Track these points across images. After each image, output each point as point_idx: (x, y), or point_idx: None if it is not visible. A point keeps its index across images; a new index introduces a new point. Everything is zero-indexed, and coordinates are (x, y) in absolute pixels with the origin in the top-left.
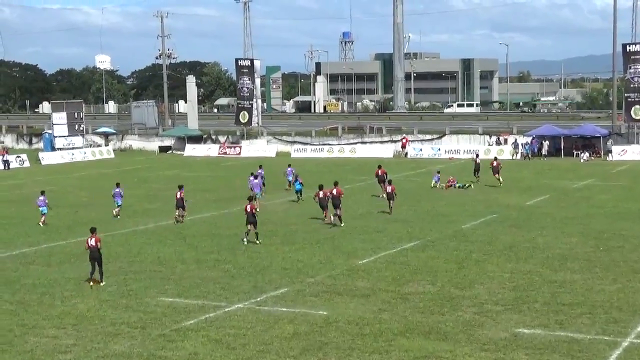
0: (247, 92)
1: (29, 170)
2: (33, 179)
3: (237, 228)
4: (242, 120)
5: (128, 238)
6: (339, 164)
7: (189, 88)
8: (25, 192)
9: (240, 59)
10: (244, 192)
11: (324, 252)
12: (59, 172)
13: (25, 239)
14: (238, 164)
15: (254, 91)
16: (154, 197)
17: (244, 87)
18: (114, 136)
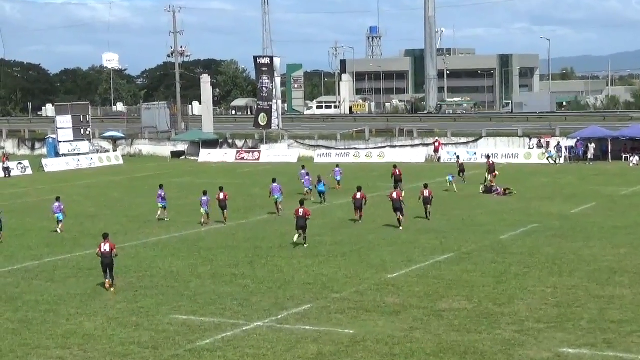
0: (266, 93)
1: (31, 178)
2: (36, 187)
3: (256, 239)
4: (261, 122)
5: (138, 251)
6: (366, 170)
7: (203, 88)
8: (27, 201)
9: (259, 56)
10: (263, 201)
11: (350, 265)
12: (64, 180)
13: (28, 252)
14: (257, 170)
15: (273, 91)
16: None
17: (263, 87)
18: (122, 141)
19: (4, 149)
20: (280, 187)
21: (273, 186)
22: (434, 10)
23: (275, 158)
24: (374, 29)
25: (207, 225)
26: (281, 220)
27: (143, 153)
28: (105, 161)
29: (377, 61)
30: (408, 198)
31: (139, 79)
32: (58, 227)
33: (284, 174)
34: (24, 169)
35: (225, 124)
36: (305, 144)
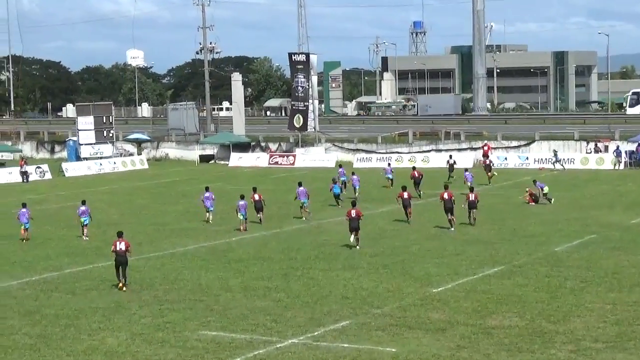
0: (302, 92)
1: (50, 183)
2: (55, 193)
3: (291, 250)
4: (296, 124)
5: (164, 262)
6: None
7: (234, 87)
8: (46, 208)
9: (294, 53)
10: (298, 209)
11: (392, 278)
12: (85, 186)
13: (47, 262)
14: (291, 175)
15: (309, 91)
16: (194, 215)
17: (299, 86)
18: (148, 144)
19: (22, 152)
20: (307, 191)
21: (299, 190)
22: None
23: (312, 162)
24: (418, 23)
25: (245, 232)
26: (318, 230)
27: (170, 157)
28: (130, 165)
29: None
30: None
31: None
32: (83, 233)
33: (320, 180)
34: (43, 174)
35: (258, 125)
36: (344, 148)
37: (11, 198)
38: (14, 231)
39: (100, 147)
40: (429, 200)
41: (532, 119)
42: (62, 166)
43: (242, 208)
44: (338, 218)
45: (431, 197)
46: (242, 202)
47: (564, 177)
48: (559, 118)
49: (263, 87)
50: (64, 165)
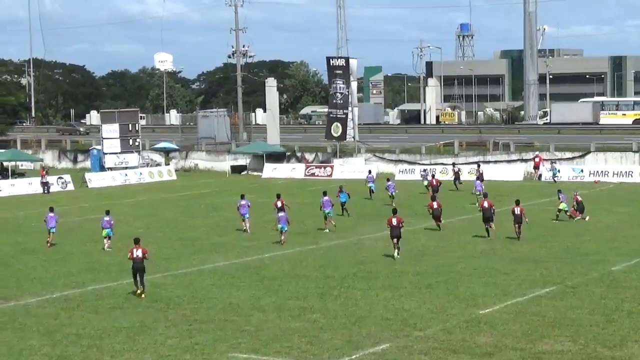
0: (340, 99)
1: (72, 194)
2: (78, 205)
3: (328, 268)
4: (335, 133)
5: (193, 279)
6: (455, 188)
7: (268, 94)
8: (68, 221)
9: (333, 57)
10: (338, 222)
11: (436, 298)
12: (110, 197)
13: (69, 278)
14: (329, 188)
15: (349, 97)
16: (225, 229)
17: (337, 93)
18: (176, 153)
19: (43, 161)
20: (331, 200)
21: (324, 200)
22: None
23: (351, 174)
24: (465, 26)
25: (285, 245)
26: (356, 246)
27: (199, 167)
28: (157, 176)
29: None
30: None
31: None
32: (106, 245)
33: (360, 192)
34: (65, 184)
35: (294, 134)
36: (385, 159)
37: (31, 210)
38: (33, 245)
39: (126, 157)
40: (476, 215)
41: (587, 129)
42: (85, 176)
43: (283, 220)
44: (378, 234)
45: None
46: (281, 214)
47: (621, 191)
48: (616, 128)
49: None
50: (87, 176)
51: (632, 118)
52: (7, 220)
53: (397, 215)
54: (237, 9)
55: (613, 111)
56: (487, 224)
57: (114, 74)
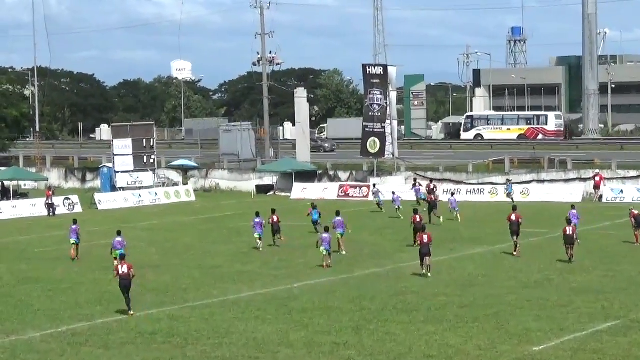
0: (378, 111)
1: (81, 217)
2: (86, 229)
3: (364, 299)
4: (371, 149)
5: (213, 311)
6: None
7: (298, 105)
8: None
9: (369, 65)
10: (373, 249)
11: (484, 333)
12: (121, 220)
13: (76, 310)
14: (365, 210)
15: (387, 109)
16: (249, 256)
17: (374, 104)
18: (195, 171)
19: (48, 180)
20: (344, 220)
21: (336, 220)
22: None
23: (389, 195)
24: (517, 30)
25: (328, 269)
26: (395, 275)
27: (221, 187)
28: (174, 197)
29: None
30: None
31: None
32: None
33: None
34: (72, 206)
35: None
36: (428, 177)
37: (34, 234)
38: (37, 273)
39: (140, 176)
40: (530, 240)
41: None
42: (94, 197)
43: (326, 242)
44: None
45: (533, 236)
46: (325, 235)
47: None
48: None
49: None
50: (97, 197)
51: (516, 133)
52: (8, 245)
53: (427, 232)
54: (263, 11)
55: (498, 126)
56: (514, 238)
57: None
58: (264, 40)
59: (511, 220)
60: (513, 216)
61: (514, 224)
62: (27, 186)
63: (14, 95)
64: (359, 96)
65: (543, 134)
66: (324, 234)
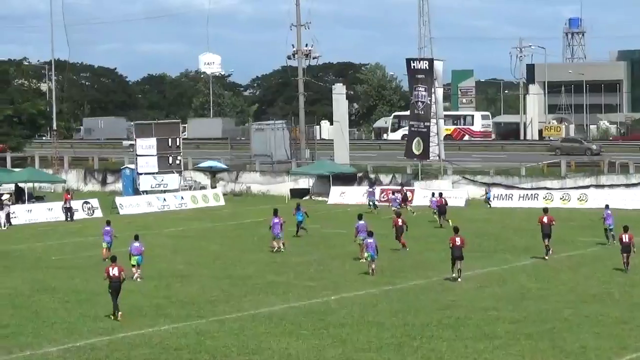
0: (422, 109)
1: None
2: None
3: (407, 313)
4: (416, 150)
5: (243, 326)
6: (562, 218)
7: (336, 102)
8: (95, 254)
9: (414, 59)
10: (416, 259)
11: (538, 351)
12: (144, 227)
13: (94, 324)
14: (410, 217)
15: (433, 107)
16: (283, 265)
17: (419, 102)
18: (224, 174)
19: (66, 182)
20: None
21: (359, 224)
22: None
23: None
24: (575, 21)
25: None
26: (441, 287)
27: (252, 190)
28: (201, 202)
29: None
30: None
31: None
32: (137, 273)
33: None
34: (92, 211)
35: (366, 151)
36: (477, 182)
37: (51, 241)
38: (54, 283)
39: (164, 178)
40: (588, 250)
41: None
42: (115, 201)
43: (371, 248)
44: (468, 272)
45: (591, 246)
46: (370, 241)
47: None
48: None
49: (374, 102)
50: (118, 200)
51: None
52: (23, 252)
53: (460, 235)
54: (299, 1)
55: None
56: (546, 241)
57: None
58: (299, 32)
59: (543, 223)
60: (545, 218)
61: (546, 226)
62: (43, 189)
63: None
64: (402, 93)
65: (469, 134)
66: (369, 239)
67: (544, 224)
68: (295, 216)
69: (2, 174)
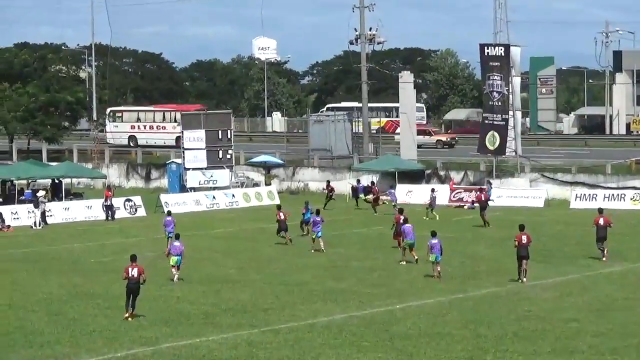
0: (498, 100)
1: (144, 222)
2: (151, 236)
3: (480, 324)
4: (490, 145)
5: (300, 336)
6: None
7: (402, 92)
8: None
9: (488, 44)
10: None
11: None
12: (192, 227)
13: (137, 332)
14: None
15: (510, 98)
16: (343, 270)
17: (494, 92)
18: (280, 169)
19: (106, 178)
20: (413, 228)
21: (406, 227)
22: None
23: (511, 200)
24: None
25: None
26: (517, 296)
27: (310, 188)
28: (254, 200)
29: None
30: None
31: (305, 76)
32: (176, 275)
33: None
34: (134, 209)
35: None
36: (557, 180)
37: (90, 242)
38: (93, 287)
39: (214, 174)
40: None
41: None
42: (160, 199)
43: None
44: (548, 280)
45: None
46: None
47: None
48: None
49: (444, 91)
50: (163, 198)
51: (375, 126)
52: (59, 254)
53: (526, 232)
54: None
55: None
56: (600, 245)
57: (199, 65)
58: (363, 14)
59: (599, 225)
60: (602, 220)
61: (602, 229)
62: (82, 185)
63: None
64: (475, 82)
65: None
66: (433, 240)
67: (600, 226)
68: (303, 215)
69: (38, 169)
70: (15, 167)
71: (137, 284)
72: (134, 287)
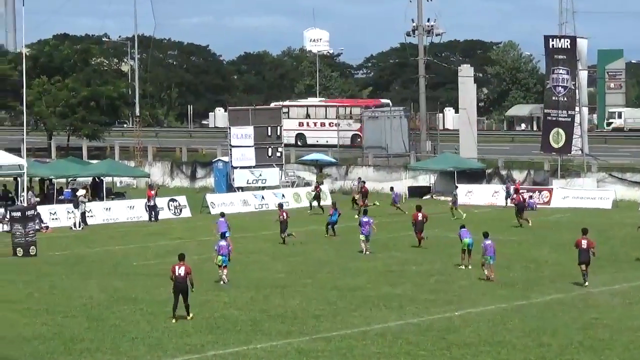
0: (563, 95)
1: (188, 223)
2: (196, 238)
3: (542, 332)
4: (555, 143)
5: (353, 344)
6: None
7: (462, 87)
8: None
9: (553, 36)
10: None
11: None
12: (240, 228)
13: (182, 339)
14: (545, 220)
15: (576, 93)
16: (399, 275)
17: (559, 86)
18: (332, 168)
19: (149, 177)
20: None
21: (462, 232)
22: None
23: (576, 202)
24: None
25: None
26: (584, 303)
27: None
28: (305, 200)
29: None
30: None
31: (360, 70)
32: (223, 275)
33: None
34: (179, 210)
35: (497, 144)
36: (627, 180)
37: (132, 244)
38: (135, 292)
39: (263, 173)
40: None
41: None
42: (206, 199)
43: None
44: (615, 286)
45: None
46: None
47: None
48: None
49: (506, 86)
50: (210, 198)
51: None
52: (100, 257)
53: (587, 237)
54: None
55: None
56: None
57: (247, 58)
58: (420, 5)
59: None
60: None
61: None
62: (124, 184)
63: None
64: (539, 76)
65: None
66: (487, 241)
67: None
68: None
69: (78, 166)
70: (54, 165)
71: (184, 284)
72: (181, 287)
